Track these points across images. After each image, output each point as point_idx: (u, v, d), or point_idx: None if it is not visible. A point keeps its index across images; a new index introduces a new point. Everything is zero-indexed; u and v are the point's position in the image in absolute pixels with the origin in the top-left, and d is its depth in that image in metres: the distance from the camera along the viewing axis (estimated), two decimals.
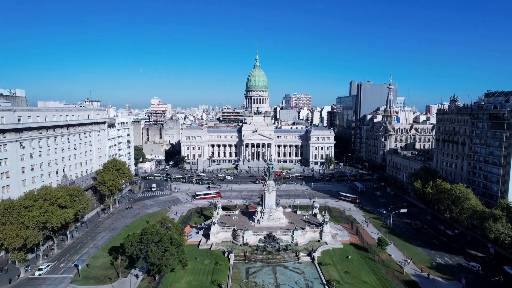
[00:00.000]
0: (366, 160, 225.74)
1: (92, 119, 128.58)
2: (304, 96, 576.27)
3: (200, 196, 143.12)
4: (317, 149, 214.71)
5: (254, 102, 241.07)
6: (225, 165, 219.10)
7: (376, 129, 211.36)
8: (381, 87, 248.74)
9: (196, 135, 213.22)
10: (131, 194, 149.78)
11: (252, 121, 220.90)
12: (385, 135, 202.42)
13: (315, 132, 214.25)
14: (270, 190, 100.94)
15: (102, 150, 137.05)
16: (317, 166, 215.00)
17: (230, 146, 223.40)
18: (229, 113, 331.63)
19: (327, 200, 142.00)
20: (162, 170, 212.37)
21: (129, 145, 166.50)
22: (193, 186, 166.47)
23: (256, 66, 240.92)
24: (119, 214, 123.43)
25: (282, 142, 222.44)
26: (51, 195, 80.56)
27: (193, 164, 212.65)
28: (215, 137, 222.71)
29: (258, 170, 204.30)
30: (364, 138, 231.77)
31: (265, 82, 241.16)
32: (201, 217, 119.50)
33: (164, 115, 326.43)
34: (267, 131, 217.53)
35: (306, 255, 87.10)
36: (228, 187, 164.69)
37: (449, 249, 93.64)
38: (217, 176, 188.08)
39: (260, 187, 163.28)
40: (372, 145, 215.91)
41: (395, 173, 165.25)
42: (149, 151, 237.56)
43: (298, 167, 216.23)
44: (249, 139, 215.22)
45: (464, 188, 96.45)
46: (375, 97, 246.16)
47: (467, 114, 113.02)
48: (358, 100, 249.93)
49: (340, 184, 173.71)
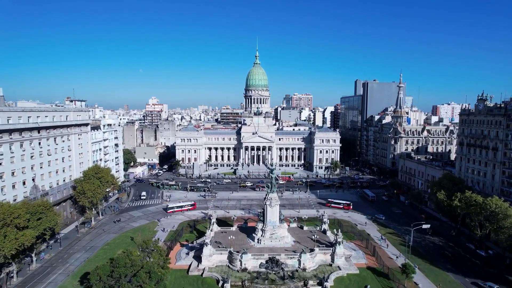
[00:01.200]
0: (374, 164, 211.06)
1: (72, 121, 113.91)
2: (306, 96, 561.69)
3: (173, 209, 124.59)
4: (322, 152, 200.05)
5: (254, 102, 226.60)
6: (223, 169, 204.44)
7: (385, 131, 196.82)
8: (388, 86, 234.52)
9: (192, 137, 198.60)
10: (117, 204, 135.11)
11: (252, 123, 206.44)
12: (395, 138, 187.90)
13: (319, 134, 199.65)
14: (273, 204, 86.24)
15: (84, 156, 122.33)
16: (322, 170, 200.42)
17: (228, 149, 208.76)
18: (227, 113, 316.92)
19: (335, 211, 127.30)
20: (155, 175, 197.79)
21: (117, 149, 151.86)
22: (187, 194, 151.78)
23: (256, 64, 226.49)
24: (101, 228, 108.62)
25: (284, 144, 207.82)
26: (6, 214, 65.73)
27: (189, 168, 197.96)
28: (212, 140, 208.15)
29: (259, 175, 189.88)
30: (371, 141, 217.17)
31: (266, 80, 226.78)
32: (193, 232, 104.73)
33: (160, 115, 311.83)
34: (267, 133, 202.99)
35: (316, 284, 72.52)
36: (225, 194, 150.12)
37: (485, 275, 78.96)
38: (213, 182, 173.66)
39: (261, 195, 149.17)
40: (381, 148, 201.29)
41: (408, 179, 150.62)
42: (142, 154, 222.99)
43: (301, 171, 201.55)
44: (248, 141, 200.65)
45: (502, 202, 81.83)
46: (383, 97, 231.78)
47: (500, 115, 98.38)
48: (364, 100, 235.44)
49: (348, 192, 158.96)
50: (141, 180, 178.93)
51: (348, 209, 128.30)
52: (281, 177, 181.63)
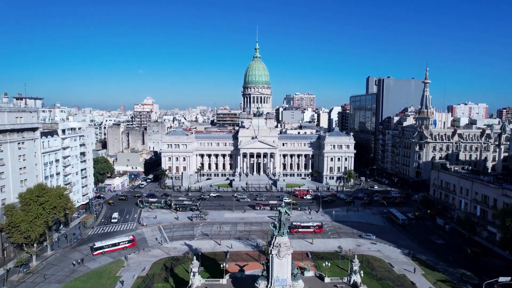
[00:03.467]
0: (393, 173, 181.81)
1: (7, 124, 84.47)
2: (308, 96, 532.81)
3: (102, 249, 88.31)
4: (333, 160, 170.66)
5: (254, 102, 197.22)
6: (217, 180, 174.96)
7: (407, 135, 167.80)
8: (407, 84, 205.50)
9: (181, 142, 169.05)
10: (79, 230, 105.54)
11: (251, 125, 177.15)
12: (420, 143, 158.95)
13: (330, 138, 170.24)
14: (283, 254, 56.73)
15: (30, 171, 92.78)
16: (333, 181, 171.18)
17: (223, 156, 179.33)
18: (224, 114, 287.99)
19: (359, 242, 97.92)
20: (138, 187, 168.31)
21: (84, 159, 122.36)
22: (170, 215, 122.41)
23: (256, 58, 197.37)
24: (43, 272, 78.96)
25: (288, 151, 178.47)
26: None
27: (177, 179, 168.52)
28: (205, 145, 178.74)
29: (259, 187, 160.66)
30: (389, 146, 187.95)
31: (267, 76, 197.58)
32: (168, 281, 75.18)
33: (150, 117, 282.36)
34: (269, 137, 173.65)
35: None
36: (218, 215, 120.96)
37: None
38: (205, 194, 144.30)
39: (262, 217, 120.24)
40: (402, 155, 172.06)
41: (445, 197, 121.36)
42: (125, 162, 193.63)
43: (309, 182, 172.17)
44: (247, 147, 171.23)
45: None
46: (401, 96, 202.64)
47: None
48: (379, 99, 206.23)
49: (369, 211, 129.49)
50: (121, 195, 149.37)
51: (318, 232, 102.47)
52: (297, 190, 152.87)
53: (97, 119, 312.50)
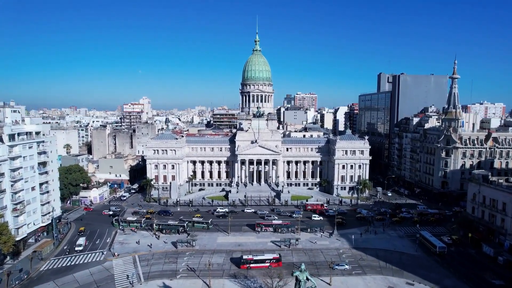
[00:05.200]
0: (412, 182, 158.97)
1: None
2: (310, 95, 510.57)
3: None
4: (345, 167, 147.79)
5: (253, 100, 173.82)
6: (211, 190, 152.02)
7: (431, 139, 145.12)
8: (426, 80, 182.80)
9: (169, 147, 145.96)
10: (29, 265, 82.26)
11: (251, 127, 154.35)
12: (447, 149, 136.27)
13: (341, 143, 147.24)
14: None
15: None
16: (345, 192, 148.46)
17: (219, 163, 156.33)
18: (221, 115, 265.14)
19: (391, 282, 74.83)
20: (119, 199, 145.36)
21: (45, 170, 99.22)
22: (151, 239, 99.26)
23: (256, 51, 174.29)
24: None
25: (293, 157, 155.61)
26: None
27: (165, 190, 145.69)
28: (198, 150, 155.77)
29: (259, 199, 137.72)
30: (407, 151, 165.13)
31: (269, 72, 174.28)
32: None
33: (140, 117, 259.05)
34: (271, 141, 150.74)
35: None
36: (209, 240, 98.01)
37: None
38: (196, 208, 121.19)
39: (264, 242, 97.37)
40: (424, 162, 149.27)
41: (490, 217, 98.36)
42: (107, 169, 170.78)
43: (317, 194, 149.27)
44: (245, 153, 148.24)
45: None
46: (419, 94, 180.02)
47: None
48: (395, 97, 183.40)
49: (394, 232, 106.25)
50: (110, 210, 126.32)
51: (277, 267, 76.81)
52: (309, 205, 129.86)
53: (84, 120, 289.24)
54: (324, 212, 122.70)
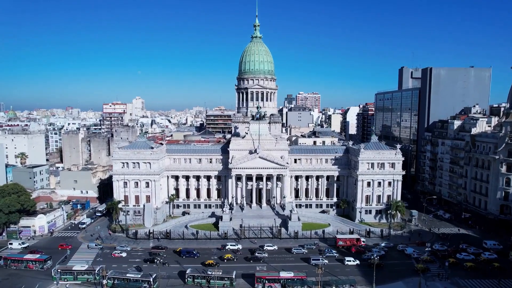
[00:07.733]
0: (454, 201, 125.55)
1: None
2: (313, 95, 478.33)
3: None
4: (371, 185, 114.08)
5: (252, 99, 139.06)
6: (196, 215, 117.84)
7: (482, 148, 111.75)
8: (465, 74, 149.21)
9: (142, 159, 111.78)
10: None
11: (249, 132, 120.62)
12: (508, 162, 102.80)
13: (367, 153, 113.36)
14: None
15: None
16: (370, 216, 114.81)
17: (208, 178, 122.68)
18: (215, 116, 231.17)
19: None
20: (77, 227, 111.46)
21: None
22: None
23: (256, 38, 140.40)
24: None
25: (302, 171, 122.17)
26: None
27: (137, 214, 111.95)
28: (181, 162, 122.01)
29: (261, 229, 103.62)
30: (445, 162, 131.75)
31: (271, 64, 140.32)
32: None
33: (122, 119, 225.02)
34: (276, 151, 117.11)
35: None
36: None
37: None
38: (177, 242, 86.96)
39: None
40: (472, 177, 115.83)
41: None
42: (70, 184, 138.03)
43: (335, 220, 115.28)
44: (242, 166, 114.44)
45: None
46: (456, 91, 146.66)
47: None
48: (425, 96, 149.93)
49: None
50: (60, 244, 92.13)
51: None
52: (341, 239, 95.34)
53: (59, 122, 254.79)
54: (362, 251, 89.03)
